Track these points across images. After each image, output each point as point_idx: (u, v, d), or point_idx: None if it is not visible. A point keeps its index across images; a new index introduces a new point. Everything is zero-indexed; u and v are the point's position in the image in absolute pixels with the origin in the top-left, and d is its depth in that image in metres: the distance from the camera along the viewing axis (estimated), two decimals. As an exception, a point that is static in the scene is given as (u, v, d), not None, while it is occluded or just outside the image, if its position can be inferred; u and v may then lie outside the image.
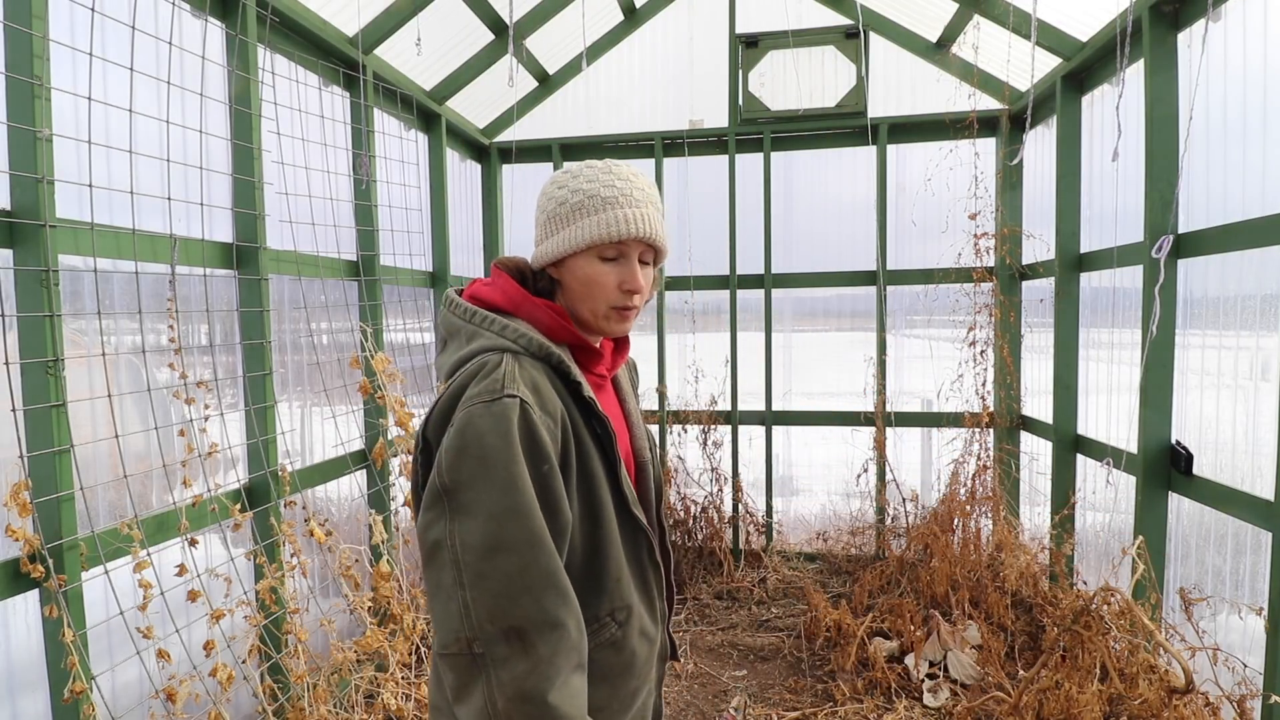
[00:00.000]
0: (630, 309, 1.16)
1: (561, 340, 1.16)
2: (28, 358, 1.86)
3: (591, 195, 1.13)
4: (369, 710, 2.75)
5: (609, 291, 1.14)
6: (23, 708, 1.97)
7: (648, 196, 1.16)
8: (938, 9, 3.99)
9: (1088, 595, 2.60)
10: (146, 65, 2.22)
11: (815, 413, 4.65)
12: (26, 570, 1.80)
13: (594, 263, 1.14)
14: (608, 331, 1.19)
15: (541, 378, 1.08)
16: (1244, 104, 2.53)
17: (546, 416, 1.04)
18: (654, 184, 1.21)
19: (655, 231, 1.14)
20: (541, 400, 1.05)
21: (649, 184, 1.18)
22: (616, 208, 1.12)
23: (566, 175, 1.17)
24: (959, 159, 4.17)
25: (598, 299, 1.15)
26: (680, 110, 4.64)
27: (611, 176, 1.15)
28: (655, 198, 1.18)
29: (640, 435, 1.31)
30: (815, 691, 3.20)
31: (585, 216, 1.12)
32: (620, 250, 1.14)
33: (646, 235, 1.13)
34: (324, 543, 2.67)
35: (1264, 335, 2.44)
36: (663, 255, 1.21)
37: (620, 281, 1.14)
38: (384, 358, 3.15)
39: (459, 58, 4.03)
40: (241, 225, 2.62)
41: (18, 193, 1.87)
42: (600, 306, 1.15)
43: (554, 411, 1.06)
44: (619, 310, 1.16)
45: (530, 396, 1.03)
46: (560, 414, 1.07)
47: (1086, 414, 3.58)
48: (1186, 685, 2.24)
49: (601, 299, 1.15)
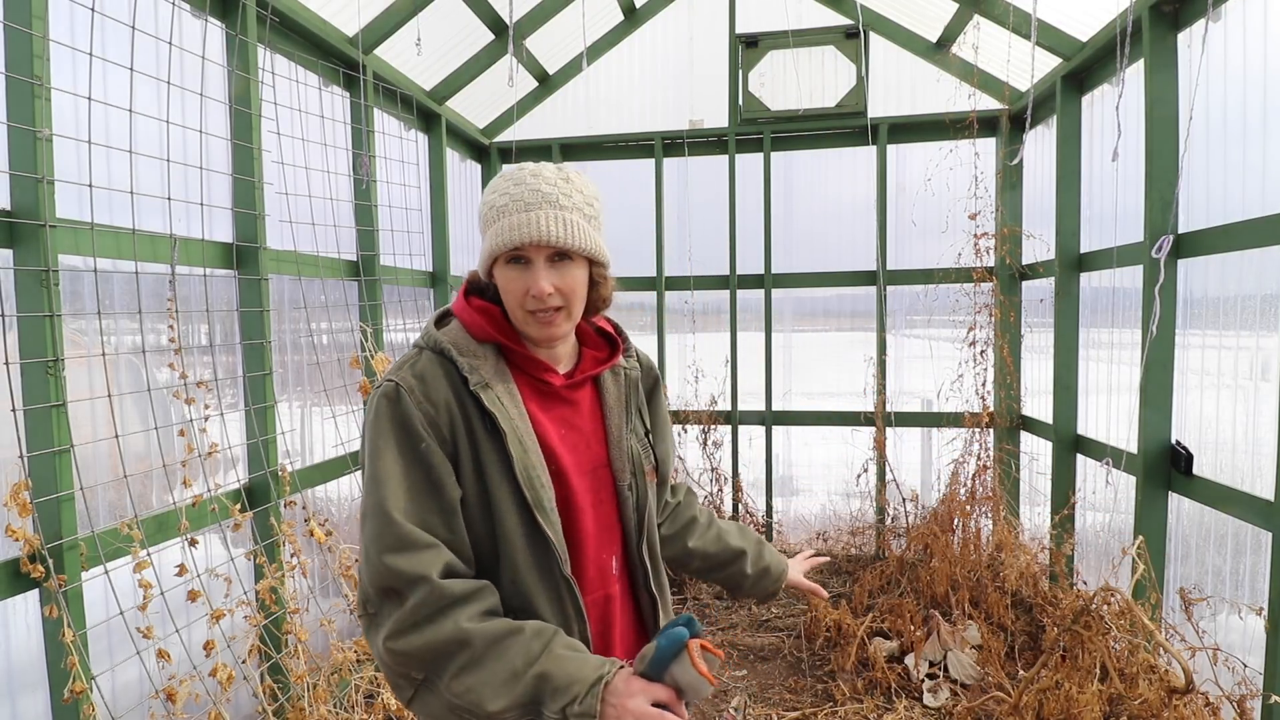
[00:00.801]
0: (545, 311, 1.14)
1: (485, 340, 1.19)
2: (28, 358, 1.86)
3: (491, 206, 1.16)
4: (369, 710, 2.75)
5: (519, 297, 1.15)
6: (23, 708, 1.97)
7: (544, 197, 1.12)
8: (938, 9, 3.99)
9: (1088, 595, 2.60)
10: (146, 65, 2.22)
11: (815, 413, 4.65)
12: (26, 570, 1.80)
13: (505, 271, 1.15)
14: (534, 336, 1.18)
15: (435, 370, 1.14)
16: (1244, 104, 2.53)
17: (426, 402, 1.11)
18: (567, 179, 1.16)
19: (543, 233, 1.10)
20: (425, 388, 1.11)
21: (552, 183, 1.14)
22: (508, 215, 1.13)
23: (488, 187, 1.19)
24: (959, 159, 4.17)
25: (513, 305, 1.16)
26: (680, 110, 4.64)
27: (507, 182, 1.16)
28: (556, 196, 1.13)
29: (617, 455, 1.24)
30: (815, 691, 3.20)
31: (489, 228, 1.15)
32: (518, 255, 1.14)
33: (534, 239, 1.10)
34: (324, 543, 2.67)
35: (1264, 335, 2.44)
36: (575, 251, 1.14)
37: (526, 287, 1.13)
38: (384, 358, 3.16)
39: (459, 58, 4.03)
40: (241, 225, 2.62)
41: (18, 193, 1.87)
42: (518, 312, 1.16)
43: (437, 399, 1.12)
44: (534, 314, 1.15)
45: (412, 383, 1.11)
46: (446, 403, 1.12)
47: (1086, 414, 3.58)
48: (1186, 685, 2.24)
49: (516, 305, 1.16)
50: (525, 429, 1.15)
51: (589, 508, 1.21)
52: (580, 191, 1.17)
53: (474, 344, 1.17)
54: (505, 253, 1.13)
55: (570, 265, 1.15)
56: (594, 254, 1.17)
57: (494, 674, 1.03)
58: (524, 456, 1.12)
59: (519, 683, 1.02)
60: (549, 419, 1.21)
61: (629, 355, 1.34)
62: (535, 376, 1.21)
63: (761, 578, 1.54)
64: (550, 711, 1.02)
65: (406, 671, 1.07)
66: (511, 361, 1.20)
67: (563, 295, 1.14)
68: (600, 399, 1.28)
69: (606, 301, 1.26)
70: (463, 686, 1.03)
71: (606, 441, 1.26)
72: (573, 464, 1.20)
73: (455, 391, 1.13)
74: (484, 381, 1.14)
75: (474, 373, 1.14)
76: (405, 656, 1.05)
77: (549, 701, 1.02)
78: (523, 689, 1.02)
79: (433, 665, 1.05)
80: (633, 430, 1.28)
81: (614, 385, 1.29)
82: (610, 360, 1.28)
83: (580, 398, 1.26)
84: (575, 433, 1.23)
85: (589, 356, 1.28)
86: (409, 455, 1.09)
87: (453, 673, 1.03)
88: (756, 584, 1.54)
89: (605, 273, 1.22)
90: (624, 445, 1.25)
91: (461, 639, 1.03)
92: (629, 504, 1.25)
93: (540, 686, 1.02)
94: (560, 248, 1.13)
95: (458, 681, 1.03)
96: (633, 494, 1.25)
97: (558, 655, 1.05)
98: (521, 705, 1.02)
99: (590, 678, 1.03)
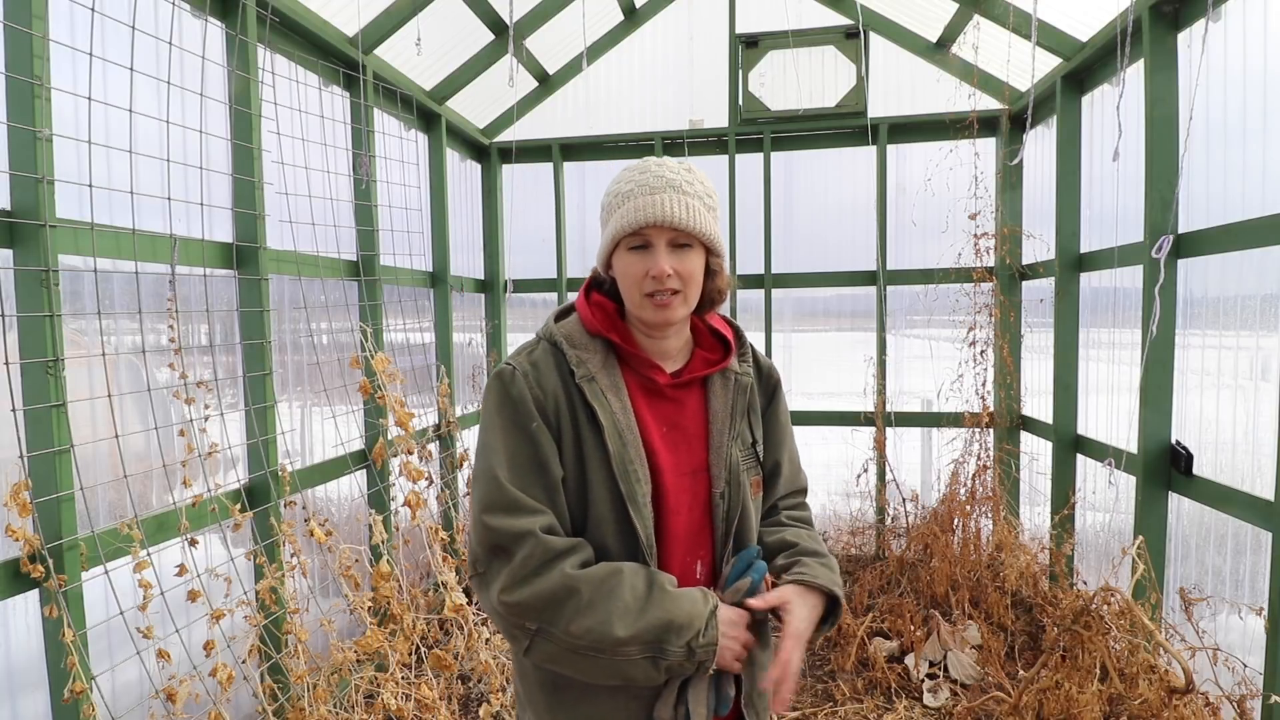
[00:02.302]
0: (662, 293, 1.16)
1: (598, 334, 1.23)
2: (28, 358, 1.86)
3: (615, 194, 1.20)
4: (369, 710, 2.75)
5: (639, 280, 1.17)
6: (23, 708, 1.97)
7: (668, 183, 1.16)
8: (938, 9, 3.99)
9: (1088, 595, 2.60)
10: (146, 65, 2.21)
11: (815, 413, 4.65)
12: (26, 570, 1.80)
13: (625, 255, 1.19)
14: (650, 320, 1.20)
15: (548, 359, 1.20)
16: (1244, 104, 2.53)
17: (537, 387, 1.17)
18: (689, 170, 1.20)
19: (668, 214, 1.14)
20: (538, 374, 1.18)
21: (675, 171, 1.18)
22: (633, 198, 1.17)
23: (613, 179, 1.22)
24: (959, 159, 4.17)
25: (632, 290, 1.19)
26: (680, 110, 4.64)
27: (634, 171, 1.20)
28: (681, 181, 1.17)
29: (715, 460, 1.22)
30: (815, 691, 3.20)
31: (613, 214, 1.19)
32: (643, 239, 1.17)
33: (660, 219, 1.14)
34: (324, 543, 2.67)
35: (1264, 335, 2.44)
36: (699, 238, 1.18)
37: (646, 269, 1.16)
38: (384, 358, 3.15)
39: (459, 58, 4.03)
40: (241, 225, 2.62)
41: (18, 193, 1.87)
42: (635, 296, 1.19)
43: (547, 386, 1.18)
44: (650, 297, 1.17)
45: (527, 368, 1.18)
46: (554, 391, 1.17)
47: (1086, 414, 3.58)
48: (1186, 685, 2.24)
49: (635, 289, 1.18)
50: (627, 423, 1.17)
51: (683, 509, 1.21)
52: (701, 183, 1.21)
53: (586, 337, 1.22)
54: (628, 234, 1.17)
55: (689, 252, 1.18)
56: (712, 242, 1.20)
57: (609, 612, 1.08)
58: (622, 450, 1.16)
59: (639, 617, 1.09)
60: (653, 416, 1.22)
61: (744, 360, 1.31)
62: (642, 373, 1.23)
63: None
64: (676, 647, 1.09)
65: (521, 623, 1.11)
66: (621, 356, 1.23)
67: (681, 279, 1.17)
68: (707, 401, 1.27)
69: (722, 294, 1.27)
70: (581, 629, 1.08)
71: (708, 446, 1.25)
72: (672, 463, 1.21)
73: (563, 381, 1.18)
74: (590, 375, 1.19)
75: (581, 365, 1.19)
76: (519, 608, 1.09)
77: (674, 639, 1.09)
78: (645, 625, 1.08)
79: (545, 614, 1.09)
80: (737, 437, 1.25)
81: (722, 389, 1.27)
82: (721, 363, 1.27)
83: (687, 398, 1.26)
84: (678, 433, 1.23)
85: (700, 357, 1.28)
86: (519, 431, 1.15)
87: (568, 618, 1.08)
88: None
89: (722, 264, 1.24)
90: (724, 451, 1.23)
91: (570, 585, 1.09)
92: (719, 511, 1.23)
93: (664, 625, 1.09)
94: (683, 229, 1.16)
95: (575, 624, 1.08)
96: (724, 502, 1.23)
97: (669, 593, 1.13)
98: (645, 641, 1.08)
99: (704, 612, 1.13)
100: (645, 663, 1.09)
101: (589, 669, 1.11)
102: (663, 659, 1.09)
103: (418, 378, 3.90)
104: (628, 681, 1.12)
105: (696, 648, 1.10)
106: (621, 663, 1.09)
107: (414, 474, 3.19)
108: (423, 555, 3.46)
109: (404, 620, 2.92)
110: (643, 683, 1.13)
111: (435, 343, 4.17)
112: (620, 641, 1.07)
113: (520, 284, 4.92)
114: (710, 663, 1.12)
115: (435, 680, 2.90)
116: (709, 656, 1.12)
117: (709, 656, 1.12)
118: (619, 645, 1.08)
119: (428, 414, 3.93)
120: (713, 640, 1.12)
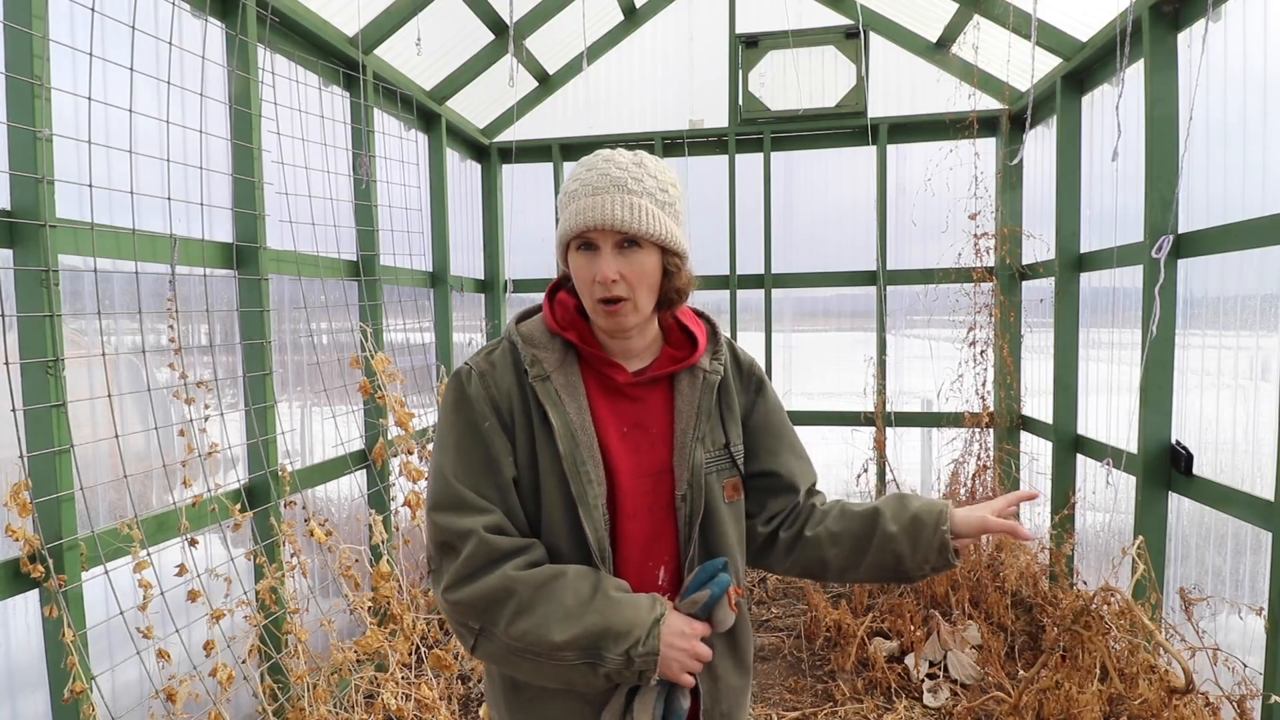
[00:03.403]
0: (612, 300, 1.10)
1: (557, 331, 1.20)
2: (28, 358, 1.86)
3: (564, 193, 1.15)
4: (369, 710, 2.75)
5: (587, 285, 1.13)
6: (23, 708, 1.97)
7: (613, 181, 1.09)
8: (938, 9, 3.99)
9: (1088, 595, 2.60)
10: (146, 65, 2.21)
11: (815, 413, 4.64)
12: (26, 570, 1.80)
13: (575, 257, 1.14)
14: (604, 327, 1.16)
15: (505, 359, 1.19)
16: (1244, 104, 2.53)
17: (493, 387, 1.16)
18: (640, 164, 1.13)
19: (609, 216, 1.07)
20: (494, 373, 1.17)
21: (624, 168, 1.11)
22: (576, 200, 1.11)
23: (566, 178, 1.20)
24: (959, 159, 4.17)
25: (584, 294, 1.15)
26: (680, 110, 4.64)
27: (581, 169, 1.14)
28: (626, 180, 1.09)
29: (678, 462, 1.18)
30: (815, 691, 3.20)
31: (561, 214, 1.16)
32: (587, 241, 1.12)
33: (599, 222, 1.08)
34: (324, 543, 2.67)
35: (1264, 335, 2.44)
36: (643, 237, 1.10)
37: (592, 274, 1.11)
38: (384, 358, 3.15)
39: (459, 58, 4.03)
40: (241, 225, 2.62)
41: (18, 193, 1.87)
42: (589, 300, 1.14)
43: (502, 386, 1.17)
44: (601, 303, 1.11)
45: (485, 367, 1.18)
46: (508, 391, 1.16)
47: (1086, 414, 3.58)
48: (1186, 685, 2.24)
49: (586, 293, 1.14)
50: (581, 423, 1.14)
51: (642, 511, 1.17)
52: (654, 177, 1.13)
53: (547, 336, 1.19)
54: (573, 238, 1.13)
55: (639, 253, 1.11)
56: (664, 241, 1.12)
57: (546, 615, 1.07)
58: (573, 450, 1.12)
59: (576, 622, 1.06)
60: (613, 416, 1.18)
61: (717, 357, 1.24)
62: (602, 372, 1.20)
63: (916, 531, 1.21)
64: (614, 654, 1.06)
65: (465, 621, 1.10)
66: (581, 355, 1.20)
67: (628, 283, 1.10)
68: (673, 400, 1.21)
69: (682, 294, 1.19)
70: (519, 630, 1.07)
71: (672, 446, 1.19)
72: (631, 465, 1.16)
73: (519, 381, 1.17)
74: (544, 374, 1.16)
75: (535, 365, 1.16)
76: (461, 606, 1.09)
77: (611, 646, 1.06)
78: (582, 630, 1.06)
79: (486, 614, 1.09)
80: (703, 438, 1.19)
81: (689, 388, 1.21)
82: (687, 361, 1.21)
83: (651, 397, 1.21)
84: (642, 433, 1.19)
85: (667, 355, 1.23)
86: (471, 431, 1.14)
87: (507, 619, 1.07)
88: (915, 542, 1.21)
89: (680, 263, 1.16)
90: (686, 452, 1.18)
91: (509, 586, 1.08)
92: (681, 514, 1.18)
93: (601, 631, 1.06)
94: (626, 232, 1.09)
95: (513, 627, 1.07)
96: (686, 504, 1.17)
97: (612, 598, 1.09)
98: (581, 647, 1.06)
99: (648, 620, 1.08)
100: (584, 668, 1.06)
101: (531, 671, 1.10)
102: (600, 665, 1.06)
103: (418, 378, 3.90)
104: (570, 686, 1.10)
105: (635, 656, 1.06)
106: (561, 667, 1.07)
107: (414, 474, 3.19)
108: (422, 555, 3.45)
109: (404, 620, 2.92)
110: (584, 689, 1.11)
111: (435, 343, 4.17)
112: (556, 646, 1.05)
113: (520, 284, 4.92)
114: (651, 673, 1.07)
115: (435, 680, 2.90)
116: (649, 666, 1.07)
117: (649, 666, 1.07)
118: (555, 650, 1.05)
119: (428, 414, 3.93)
120: (653, 650, 1.06)
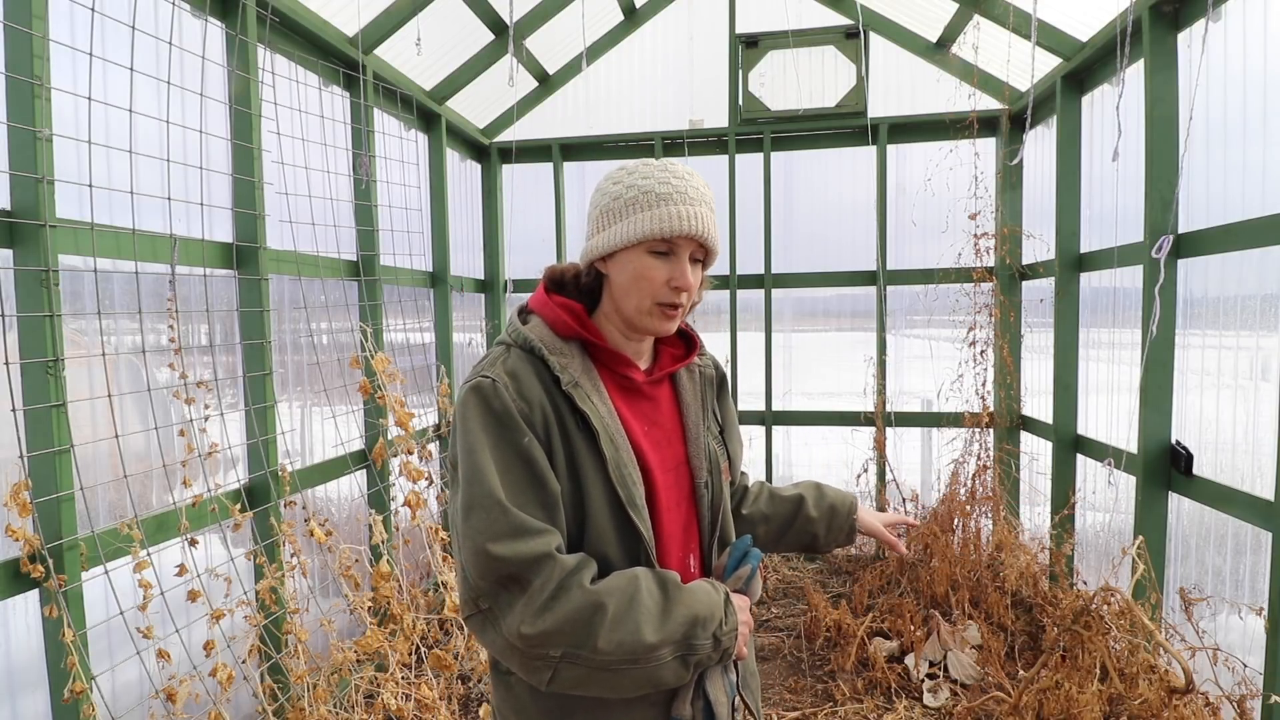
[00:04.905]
0: (676, 307, 1.16)
1: (569, 336, 1.18)
2: (28, 358, 1.86)
3: (646, 191, 1.13)
4: (369, 710, 2.75)
5: (656, 287, 1.14)
6: (23, 708, 1.97)
7: (701, 196, 1.15)
8: (938, 9, 3.99)
9: (1088, 595, 2.60)
10: (146, 65, 2.21)
11: (815, 413, 4.65)
12: (26, 570, 1.80)
13: (644, 258, 1.14)
14: (650, 329, 1.18)
15: (525, 367, 1.13)
16: (1244, 104, 2.53)
17: (520, 399, 1.10)
18: (708, 185, 1.20)
19: (708, 231, 1.14)
20: (519, 385, 1.11)
21: (703, 184, 1.18)
22: (670, 204, 1.12)
23: (623, 171, 1.18)
24: (959, 159, 4.17)
25: (644, 294, 1.15)
26: (680, 110, 4.64)
27: (667, 174, 1.15)
28: (709, 198, 1.17)
29: (695, 453, 1.24)
30: (815, 691, 3.20)
31: (639, 211, 1.13)
32: (671, 247, 1.14)
33: (699, 233, 1.13)
34: (324, 543, 2.67)
35: (1264, 335, 2.44)
36: (712, 258, 1.20)
37: (669, 278, 1.14)
38: (384, 358, 3.15)
39: (459, 58, 4.03)
40: (241, 225, 2.62)
41: (18, 193, 1.87)
42: (645, 302, 1.15)
43: (531, 397, 1.11)
44: (663, 307, 1.15)
45: (506, 379, 1.11)
46: (539, 401, 1.11)
47: (1086, 414, 3.58)
48: (1186, 685, 2.24)
49: (648, 294, 1.15)
50: (615, 427, 1.15)
51: (672, 506, 1.21)
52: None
53: (559, 341, 1.17)
54: (661, 240, 1.13)
55: (699, 269, 1.19)
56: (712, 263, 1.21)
57: (637, 620, 1.06)
58: (616, 455, 1.13)
59: (666, 619, 1.08)
60: (634, 415, 1.20)
61: (702, 353, 1.34)
62: (618, 372, 1.21)
63: (831, 517, 1.49)
64: (703, 640, 1.10)
65: (544, 652, 1.04)
66: (595, 357, 1.20)
67: (691, 295, 1.18)
68: (678, 397, 1.28)
69: (695, 304, 1.28)
70: (612, 643, 1.04)
71: (685, 439, 1.25)
72: (657, 461, 1.19)
73: (547, 390, 1.13)
74: (574, 380, 1.14)
75: (564, 371, 1.14)
76: (546, 635, 1.03)
77: (700, 632, 1.09)
78: (674, 625, 1.08)
79: (574, 637, 1.04)
80: (708, 428, 1.28)
81: (690, 383, 1.29)
82: (687, 358, 1.29)
83: (660, 395, 1.26)
84: (658, 429, 1.23)
85: (666, 354, 1.29)
86: (511, 449, 1.08)
87: (598, 635, 1.03)
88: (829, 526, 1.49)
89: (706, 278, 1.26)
90: (701, 443, 1.25)
91: (595, 601, 1.05)
92: (704, 502, 1.24)
93: (689, 621, 1.09)
94: (710, 247, 1.17)
95: (605, 640, 1.04)
96: (708, 491, 1.24)
97: (684, 589, 1.12)
98: (675, 641, 1.07)
99: (720, 600, 1.14)
100: (676, 663, 1.08)
101: (618, 683, 1.07)
102: (692, 655, 1.09)
103: (418, 378, 3.90)
104: (657, 687, 1.10)
105: (721, 636, 1.11)
106: (653, 669, 1.07)
107: (414, 474, 3.19)
108: (423, 555, 3.46)
109: (404, 620, 2.92)
110: (673, 684, 1.11)
111: (435, 343, 4.17)
112: (652, 647, 1.06)
113: (520, 284, 4.92)
114: (734, 648, 1.14)
115: (435, 680, 2.90)
116: (733, 642, 1.13)
117: (733, 642, 1.13)
118: (650, 651, 1.06)
119: (428, 414, 3.93)
120: (734, 626, 1.13)
